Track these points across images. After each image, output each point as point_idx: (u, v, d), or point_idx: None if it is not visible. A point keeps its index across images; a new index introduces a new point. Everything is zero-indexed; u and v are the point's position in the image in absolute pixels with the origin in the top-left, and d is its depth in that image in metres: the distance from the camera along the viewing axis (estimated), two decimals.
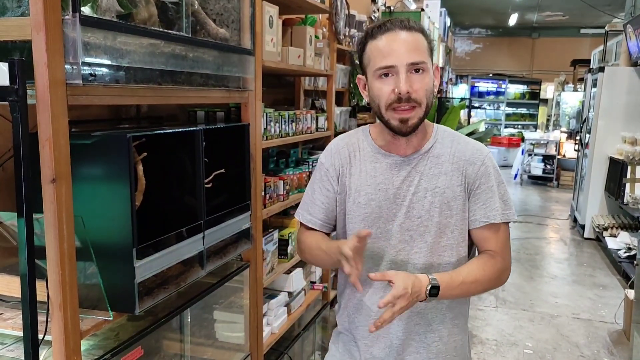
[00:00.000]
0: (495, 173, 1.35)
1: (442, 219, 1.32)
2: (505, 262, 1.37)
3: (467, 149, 1.35)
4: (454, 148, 1.35)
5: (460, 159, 1.33)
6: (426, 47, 1.27)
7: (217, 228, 1.76)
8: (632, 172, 5.58)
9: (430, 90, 1.27)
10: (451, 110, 5.35)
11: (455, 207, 1.32)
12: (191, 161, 1.66)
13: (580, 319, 4.07)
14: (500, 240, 1.36)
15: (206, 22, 1.70)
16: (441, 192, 1.31)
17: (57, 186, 1.12)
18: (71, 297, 1.18)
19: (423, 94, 1.25)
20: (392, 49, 1.24)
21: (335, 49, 3.10)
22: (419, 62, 1.23)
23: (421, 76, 1.24)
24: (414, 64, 1.23)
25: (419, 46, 1.25)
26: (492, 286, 1.36)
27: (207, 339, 2.20)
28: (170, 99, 1.55)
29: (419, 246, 1.33)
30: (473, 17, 13.07)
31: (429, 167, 1.33)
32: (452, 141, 1.36)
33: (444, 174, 1.32)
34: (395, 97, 1.23)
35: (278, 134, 2.36)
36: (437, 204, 1.31)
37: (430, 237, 1.32)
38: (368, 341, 1.40)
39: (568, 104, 11.00)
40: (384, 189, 1.33)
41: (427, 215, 1.31)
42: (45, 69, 1.07)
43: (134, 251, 1.31)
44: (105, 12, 1.32)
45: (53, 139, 1.10)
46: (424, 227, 1.32)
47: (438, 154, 1.34)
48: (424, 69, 1.24)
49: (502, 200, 1.35)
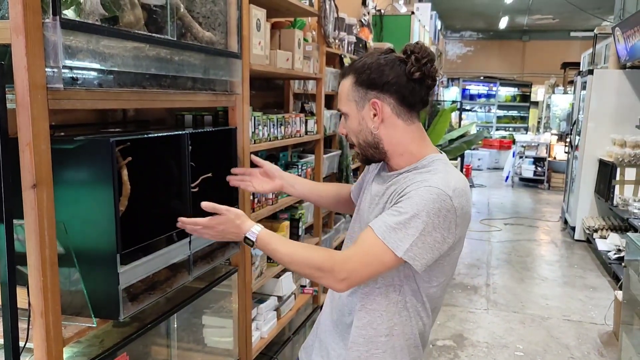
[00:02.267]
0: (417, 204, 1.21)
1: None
2: (336, 267, 1.23)
3: (423, 177, 1.27)
4: (420, 175, 1.29)
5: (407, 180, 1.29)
6: (348, 91, 1.34)
7: None
8: (622, 173, 5.61)
9: (358, 129, 1.36)
10: (442, 113, 5.36)
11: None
12: (177, 165, 1.64)
13: (570, 321, 4.08)
14: (359, 249, 1.25)
15: (192, 25, 1.69)
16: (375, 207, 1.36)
17: (38, 191, 1.10)
18: (53, 303, 1.16)
19: (352, 135, 1.38)
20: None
21: (324, 52, 3.10)
22: (339, 109, 1.39)
23: (347, 121, 1.38)
24: (339, 111, 1.40)
25: (341, 94, 1.37)
26: (312, 275, 1.29)
27: (196, 344, 2.19)
28: (155, 103, 1.54)
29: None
30: (464, 20, 13.14)
31: (393, 185, 1.33)
32: (425, 171, 1.30)
33: (388, 194, 1.32)
34: None
35: (267, 138, 2.35)
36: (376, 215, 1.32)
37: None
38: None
39: (558, 107, 11.07)
40: (369, 195, 1.43)
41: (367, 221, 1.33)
42: (25, 72, 1.06)
43: (117, 257, 1.30)
44: (89, 15, 1.31)
45: (33, 143, 1.09)
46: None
47: (405, 176, 1.31)
48: (346, 113, 1.37)
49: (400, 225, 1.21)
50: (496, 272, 5.17)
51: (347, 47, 3.82)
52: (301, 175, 2.81)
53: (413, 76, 1.27)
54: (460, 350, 3.54)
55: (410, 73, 1.27)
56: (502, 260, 5.55)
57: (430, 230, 1.21)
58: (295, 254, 1.30)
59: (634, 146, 5.64)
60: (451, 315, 4.06)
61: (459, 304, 4.32)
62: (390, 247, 1.21)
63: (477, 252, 5.68)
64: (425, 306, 1.36)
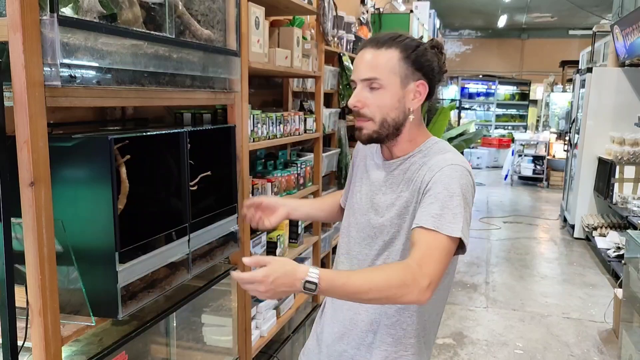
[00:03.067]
0: (449, 183, 1.22)
1: (399, 222, 1.33)
2: (417, 276, 1.12)
3: (437, 158, 1.30)
4: (427, 158, 1.32)
5: (424, 167, 1.31)
6: (392, 64, 1.27)
7: (203, 231, 1.74)
8: (621, 171, 5.61)
9: (389, 106, 1.29)
10: (441, 112, 5.35)
11: (410, 211, 1.31)
12: (176, 163, 1.64)
13: (570, 319, 4.08)
14: (423, 250, 1.17)
15: (190, 22, 1.68)
16: (397, 197, 1.33)
17: (35, 189, 1.10)
18: (51, 302, 1.16)
19: (376, 110, 1.29)
20: (356, 65, 1.33)
21: (323, 50, 3.09)
22: (371, 78, 1.28)
23: (377, 92, 1.29)
24: (366, 80, 1.29)
25: (379, 63, 1.28)
26: (396, 296, 1.13)
27: (195, 342, 2.18)
28: (153, 101, 1.53)
29: (377, 244, 1.36)
30: (463, 18, 13.13)
31: (398, 173, 1.35)
32: (432, 152, 1.33)
33: (406, 181, 1.33)
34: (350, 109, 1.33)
35: (265, 136, 2.34)
36: (398, 206, 1.32)
37: (387, 238, 1.34)
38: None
39: (557, 105, 11.07)
40: (367, 184, 1.41)
41: (388, 215, 1.34)
42: (22, 70, 1.06)
43: (116, 255, 1.29)
44: (87, 12, 1.30)
45: (31, 141, 1.08)
46: (382, 227, 1.35)
47: (412, 162, 1.34)
48: (379, 86, 1.28)
49: (444, 209, 1.19)
50: (495, 270, 5.17)
51: (346, 45, 3.81)
52: (300, 173, 2.81)
53: (443, 69, 1.33)
54: (460, 348, 3.54)
55: (443, 65, 1.33)
56: (501, 258, 5.55)
57: (465, 205, 1.22)
58: (372, 280, 1.13)
59: (632, 144, 5.64)
60: (451, 313, 4.06)
61: (458, 302, 4.32)
62: (446, 233, 1.17)
63: (477, 250, 5.68)
64: (443, 303, 1.42)
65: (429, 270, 1.13)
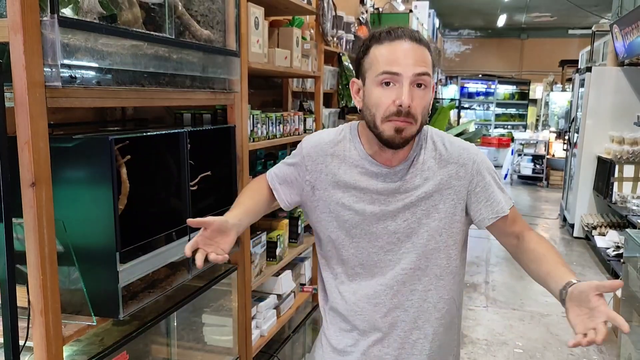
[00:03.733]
0: (487, 168, 1.35)
1: (430, 222, 1.30)
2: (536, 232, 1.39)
3: (454, 150, 1.33)
4: (439, 151, 1.33)
5: (449, 162, 1.31)
6: (431, 61, 1.24)
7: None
8: (620, 171, 5.62)
9: (428, 108, 1.25)
10: (440, 111, 5.37)
11: (444, 210, 1.30)
12: (176, 163, 1.65)
13: None
14: (519, 220, 1.38)
15: (190, 23, 1.69)
16: (428, 197, 1.30)
17: (36, 190, 1.10)
18: (53, 302, 1.16)
19: (420, 110, 1.21)
20: (398, 57, 1.18)
21: (322, 50, 3.09)
22: (425, 73, 1.19)
23: (423, 92, 1.21)
24: (420, 75, 1.18)
25: (425, 59, 1.21)
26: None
27: (195, 342, 2.19)
28: (154, 101, 1.54)
29: (406, 247, 1.32)
30: (462, 18, 13.14)
31: (415, 174, 1.31)
32: (436, 143, 1.34)
33: (430, 179, 1.30)
34: (395, 109, 1.18)
35: (265, 136, 2.35)
36: (425, 207, 1.30)
37: (417, 239, 1.31)
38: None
39: (557, 104, 11.08)
40: (368, 193, 1.31)
41: (413, 218, 1.30)
42: (23, 71, 1.06)
43: (117, 255, 1.30)
44: (87, 13, 1.30)
45: (32, 141, 1.08)
46: (410, 229, 1.30)
47: (423, 160, 1.31)
48: (426, 83, 1.21)
49: (501, 190, 1.35)
50: (495, 269, 5.18)
51: (346, 45, 3.82)
52: None
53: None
54: (460, 348, 3.55)
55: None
56: (501, 257, 5.55)
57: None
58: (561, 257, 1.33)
59: (632, 143, 5.65)
60: None
61: None
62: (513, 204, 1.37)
63: (476, 250, 5.68)
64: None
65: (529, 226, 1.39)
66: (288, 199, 1.41)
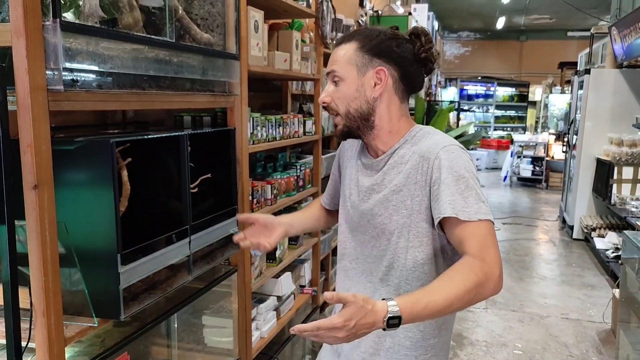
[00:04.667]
0: (451, 167, 1.22)
1: (400, 219, 1.29)
2: (487, 266, 1.13)
3: (425, 144, 1.29)
4: (417, 146, 1.31)
5: (417, 155, 1.29)
6: (350, 56, 1.29)
7: (204, 233, 1.76)
8: (619, 172, 5.63)
9: (349, 98, 1.30)
10: (439, 113, 5.38)
11: (412, 207, 1.27)
12: (177, 166, 1.66)
13: (569, 319, 4.09)
14: (477, 241, 1.15)
15: (190, 27, 1.70)
16: (398, 191, 1.29)
17: (39, 192, 1.11)
18: (54, 303, 1.17)
19: (340, 103, 1.31)
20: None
21: (322, 53, 3.11)
22: (331, 71, 1.32)
23: (337, 87, 1.31)
24: (329, 74, 1.32)
25: (338, 57, 1.31)
26: (476, 298, 1.12)
27: (196, 344, 2.20)
28: (154, 104, 1.55)
29: (382, 244, 1.32)
30: (461, 20, 13.17)
31: (391, 167, 1.32)
32: (420, 139, 1.32)
33: (403, 172, 1.29)
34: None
35: (265, 139, 2.36)
36: (395, 202, 1.30)
37: (391, 237, 1.30)
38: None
39: (556, 106, 11.10)
40: (356, 186, 1.40)
41: (386, 214, 1.31)
42: (25, 74, 1.07)
43: (118, 257, 1.31)
44: (89, 17, 1.32)
45: (34, 145, 1.10)
46: (384, 225, 1.31)
47: (402, 154, 1.31)
48: (338, 78, 1.31)
49: (462, 196, 1.18)
50: None
51: None
52: (300, 176, 2.83)
53: (420, 56, 1.30)
54: (460, 349, 3.56)
55: (418, 53, 1.30)
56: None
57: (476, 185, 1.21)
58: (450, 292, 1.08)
59: (631, 145, 5.66)
60: None
61: None
62: (482, 218, 1.16)
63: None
64: None
65: (493, 258, 1.14)
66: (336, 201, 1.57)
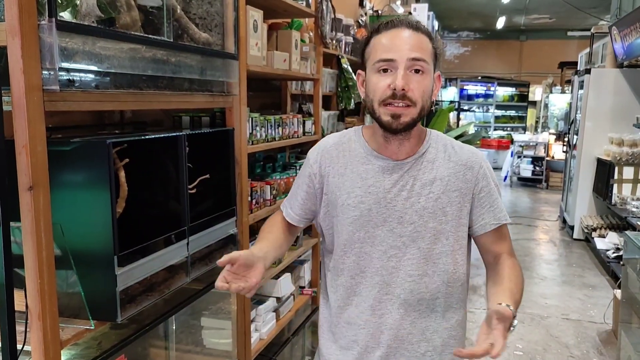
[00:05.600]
0: (492, 175, 1.36)
1: (437, 225, 1.28)
2: (517, 260, 1.38)
3: (463, 153, 1.33)
4: (449, 152, 1.32)
5: (457, 164, 1.31)
6: (430, 49, 1.24)
7: (202, 234, 1.74)
8: (619, 172, 5.62)
9: (428, 93, 1.24)
10: (440, 113, 5.37)
11: (451, 213, 1.29)
12: (175, 166, 1.64)
13: (569, 320, 4.08)
14: (509, 241, 1.38)
15: (189, 26, 1.69)
16: (435, 198, 1.28)
17: (34, 194, 1.10)
18: (50, 306, 1.16)
19: (419, 94, 1.21)
20: (394, 43, 1.21)
21: (321, 52, 3.09)
22: (420, 58, 1.20)
23: (420, 77, 1.21)
24: (415, 60, 1.20)
25: (422, 46, 1.22)
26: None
27: (194, 345, 2.19)
28: (152, 104, 1.54)
29: (411, 252, 1.29)
30: (461, 20, 13.15)
31: (423, 171, 1.29)
32: (446, 145, 1.34)
33: (439, 179, 1.28)
34: (390, 92, 1.20)
35: (264, 139, 2.35)
36: (431, 209, 1.28)
37: (424, 244, 1.28)
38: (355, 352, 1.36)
39: (556, 106, 11.10)
40: (374, 192, 1.29)
41: (420, 221, 1.28)
42: (21, 74, 1.06)
43: (115, 259, 1.29)
44: (85, 17, 1.30)
45: (30, 145, 1.08)
46: (417, 232, 1.28)
47: (432, 158, 1.30)
48: (424, 69, 1.21)
49: (499, 202, 1.36)
50: None
51: (345, 47, 3.82)
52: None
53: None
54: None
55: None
56: None
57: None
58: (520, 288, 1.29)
59: (631, 145, 5.65)
60: None
61: None
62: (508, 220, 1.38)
63: (476, 252, 5.66)
64: None
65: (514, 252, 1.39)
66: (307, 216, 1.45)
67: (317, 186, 1.38)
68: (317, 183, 1.38)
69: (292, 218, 1.45)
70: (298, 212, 1.44)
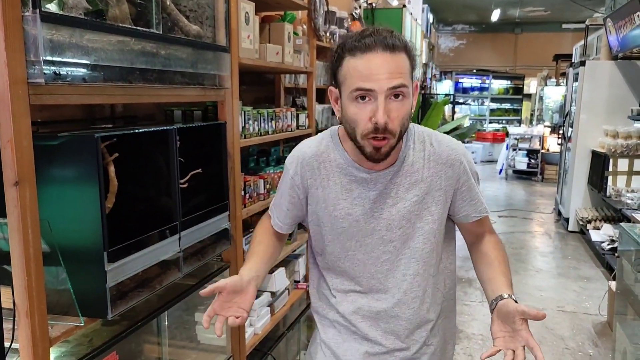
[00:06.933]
0: (471, 169, 1.36)
1: (424, 225, 1.30)
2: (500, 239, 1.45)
3: (442, 150, 1.31)
4: (428, 151, 1.30)
5: (438, 163, 1.30)
6: (408, 67, 1.16)
7: (194, 229, 1.73)
8: (614, 164, 5.63)
9: (407, 117, 1.19)
10: (434, 107, 5.35)
11: (437, 212, 1.31)
12: (166, 161, 1.62)
13: (565, 312, 4.09)
14: (488, 222, 1.43)
15: (179, 19, 1.67)
16: (420, 200, 1.28)
17: (20, 189, 1.08)
18: (38, 303, 1.14)
19: (398, 123, 1.15)
20: (371, 72, 1.12)
21: (315, 45, 3.07)
22: (400, 85, 1.13)
23: (400, 103, 1.15)
24: (395, 88, 1.12)
25: (401, 69, 1.14)
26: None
27: (188, 341, 2.17)
28: (142, 98, 1.51)
29: (404, 253, 1.31)
30: (456, 13, 13.12)
31: (405, 176, 1.28)
32: (424, 143, 1.30)
33: (421, 180, 1.28)
34: (372, 126, 1.14)
35: (257, 133, 2.33)
36: (417, 211, 1.29)
37: (414, 243, 1.30)
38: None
39: (551, 99, 11.10)
40: (360, 204, 1.29)
41: (408, 224, 1.29)
42: (4, 67, 1.04)
43: (104, 254, 1.28)
44: (72, 9, 1.28)
45: (15, 140, 1.06)
46: (406, 235, 1.29)
47: (412, 161, 1.29)
48: (403, 93, 1.14)
49: (480, 194, 1.38)
50: None
51: (338, 40, 3.79)
52: None
53: None
54: (456, 343, 3.55)
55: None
56: None
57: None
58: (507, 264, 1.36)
59: (626, 137, 5.65)
60: None
61: None
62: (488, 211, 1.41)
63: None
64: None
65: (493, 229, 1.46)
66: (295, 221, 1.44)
67: (301, 196, 1.36)
68: (302, 194, 1.36)
69: (280, 228, 1.44)
70: (286, 221, 1.42)
